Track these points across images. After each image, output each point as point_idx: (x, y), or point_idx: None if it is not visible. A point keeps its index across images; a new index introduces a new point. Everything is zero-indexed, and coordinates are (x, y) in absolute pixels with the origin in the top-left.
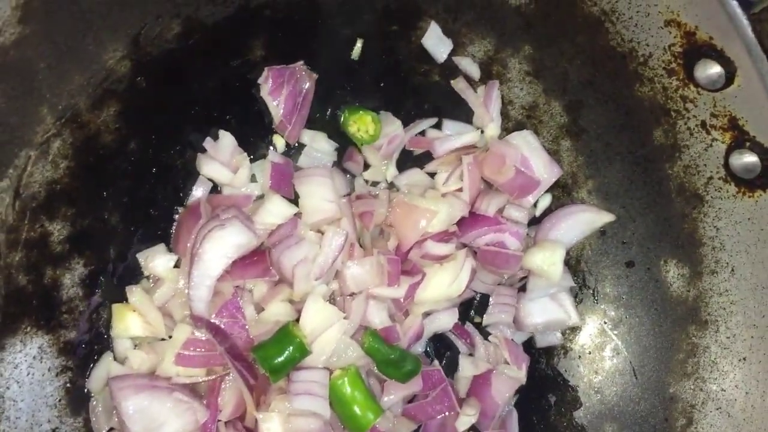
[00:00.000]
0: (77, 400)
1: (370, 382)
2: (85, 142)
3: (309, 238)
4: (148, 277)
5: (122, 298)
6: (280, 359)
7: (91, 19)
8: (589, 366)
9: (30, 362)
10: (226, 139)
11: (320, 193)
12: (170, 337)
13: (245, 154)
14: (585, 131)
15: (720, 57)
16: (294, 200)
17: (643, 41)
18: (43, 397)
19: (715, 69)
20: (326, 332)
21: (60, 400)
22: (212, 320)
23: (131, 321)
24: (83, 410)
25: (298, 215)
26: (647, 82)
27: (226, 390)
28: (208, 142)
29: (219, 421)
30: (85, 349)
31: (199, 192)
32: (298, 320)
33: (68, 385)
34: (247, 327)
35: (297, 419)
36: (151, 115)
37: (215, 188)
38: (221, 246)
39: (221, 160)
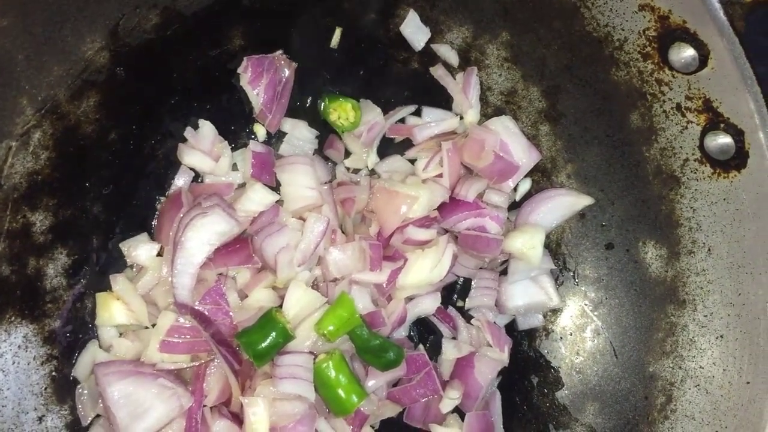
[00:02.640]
0: (63, 388)
1: (354, 366)
2: (65, 132)
3: (291, 225)
4: (131, 266)
5: (106, 287)
6: (264, 344)
7: (69, 10)
8: (570, 347)
9: (15, 351)
10: (206, 128)
11: (301, 181)
12: (154, 324)
13: (226, 142)
14: (563, 116)
15: (693, 40)
16: (275, 188)
17: (618, 26)
18: (29, 386)
19: (688, 52)
20: (309, 317)
21: (46, 389)
22: (196, 307)
23: (115, 309)
24: (69, 398)
25: (279, 203)
26: (623, 66)
27: (211, 376)
28: (188, 132)
29: (204, 406)
30: (70, 337)
31: (180, 181)
32: (281, 306)
33: (54, 373)
34: (230, 313)
35: (282, 403)
36: (131, 105)
37: (197, 177)
38: (204, 234)
39: (202, 149)
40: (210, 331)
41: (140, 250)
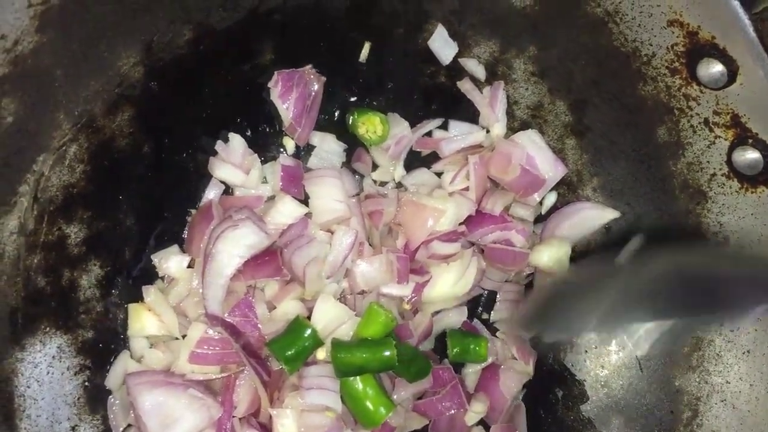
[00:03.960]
0: (95, 398)
1: (381, 378)
2: (100, 146)
3: (319, 237)
4: (162, 278)
5: (138, 299)
6: (294, 349)
7: (105, 26)
8: (595, 360)
9: (49, 362)
10: (237, 141)
11: (330, 194)
12: (185, 336)
13: (256, 155)
14: (590, 130)
15: (722, 56)
16: (304, 201)
17: (647, 41)
18: (62, 396)
19: (717, 68)
20: (337, 330)
21: (79, 399)
22: (226, 319)
23: (147, 320)
24: (101, 408)
25: (308, 215)
26: (651, 81)
27: (240, 387)
28: (219, 145)
29: (234, 417)
30: (103, 348)
31: (211, 194)
32: (309, 318)
33: (86, 383)
34: (259, 325)
35: (310, 414)
36: (164, 119)
37: (227, 190)
38: (234, 246)
39: (233, 162)
40: (240, 342)
41: (171, 261)
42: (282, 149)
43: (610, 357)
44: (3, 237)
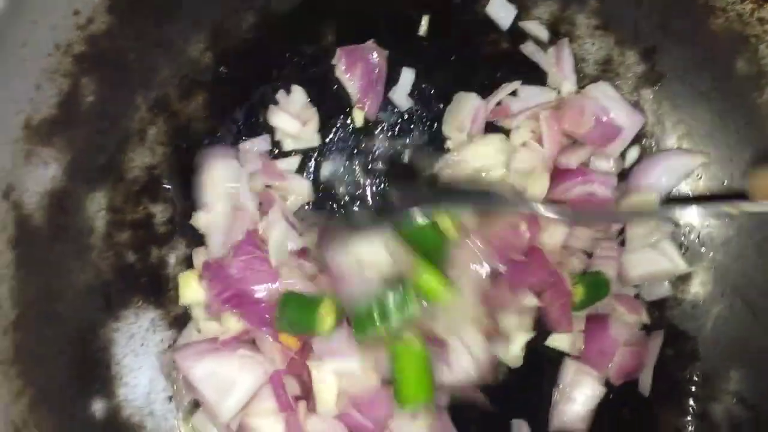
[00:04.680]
0: None
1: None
2: (177, 129)
3: None
4: None
5: None
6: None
7: (172, 12)
8: (704, 314)
9: (143, 334)
10: (298, 93)
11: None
12: None
13: (315, 109)
14: (664, 76)
15: None
16: None
17: None
18: (158, 367)
19: None
20: None
21: (173, 371)
22: None
23: (197, 286)
24: None
25: None
26: (720, 13)
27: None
28: (280, 95)
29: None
30: None
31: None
32: None
33: None
34: None
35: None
36: (235, 103)
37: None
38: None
39: (291, 112)
40: None
41: None
42: (351, 123)
43: (720, 309)
44: (92, 212)
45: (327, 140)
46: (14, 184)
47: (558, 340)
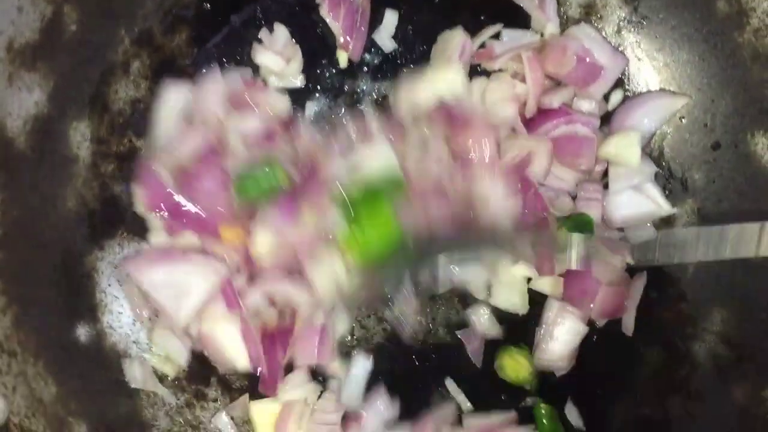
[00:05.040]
0: None
1: None
2: (162, 64)
3: None
4: None
5: None
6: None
7: None
8: (686, 265)
9: None
10: (281, 31)
11: None
12: None
13: (298, 47)
14: (647, 18)
15: None
16: None
17: None
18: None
19: None
20: None
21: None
22: None
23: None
24: None
25: None
26: None
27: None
28: (263, 33)
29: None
30: None
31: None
32: None
33: None
34: None
35: None
36: (219, 39)
37: None
38: None
39: (274, 50)
40: None
41: None
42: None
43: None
44: (77, 141)
45: (311, 81)
46: None
47: (541, 284)
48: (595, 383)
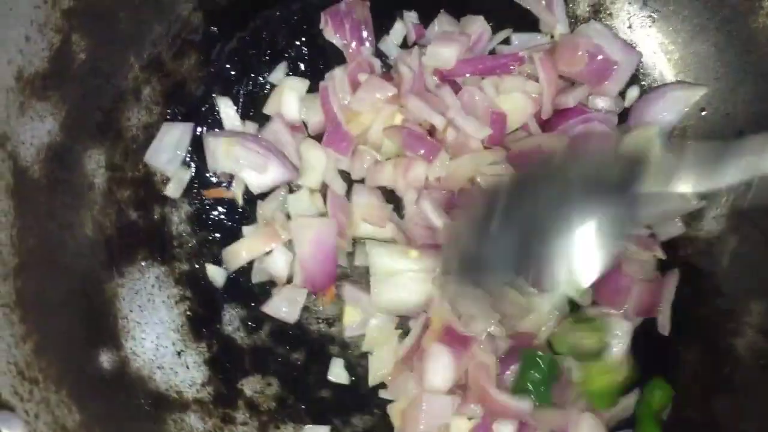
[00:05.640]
0: (198, 327)
1: None
2: (173, 89)
3: None
4: None
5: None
6: None
7: None
8: (720, 250)
9: (149, 290)
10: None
11: None
12: None
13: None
14: (657, 11)
15: None
16: None
17: None
18: (165, 322)
19: None
20: None
21: (182, 326)
22: None
23: None
24: (205, 337)
25: None
26: None
27: None
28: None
29: None
30: (202, 281)
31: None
32: None
33: (188, 312)
34: None
35: None
36: (229, 63)
37: None
38: None
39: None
40: None
41: None
42: None
43: (736, 243)
44: (91, 168)
45: None
46: (9, 133)
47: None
48: (633, 387)
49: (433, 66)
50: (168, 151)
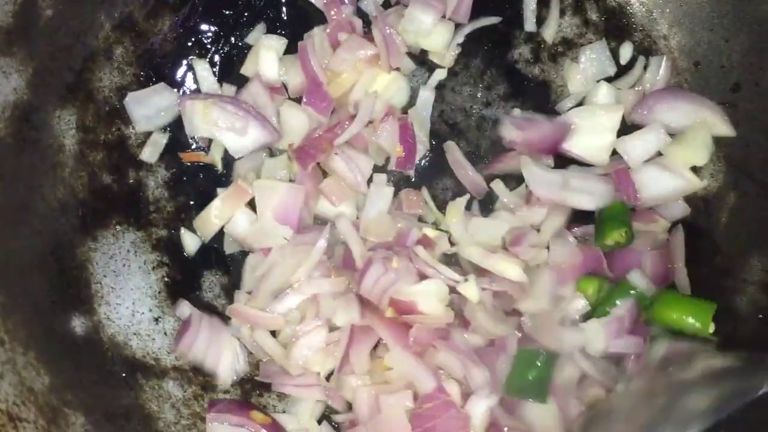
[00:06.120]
0: (177, 294)
1: None
2: (146, 50)
3: None
4: None
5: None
6: None
7: None
8: (717, 207)
9: (125, 255)
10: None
11: None
12: None
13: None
14: None
15: None
16: None
17: None
18: (141, 288)
19: None
20: None
21: (160, 292)
22: None
23: None
24: None
25: None
26: None
27: None
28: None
29: None
30: (178, 246)
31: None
32: None
33: (166, 279)
34: None
35: None
36: (204, 26)
37: None
38: None
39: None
40: None
41: None
42: None
43: (732, 200)
44: (61, 129)
45: None
46: None
47: None
48: None
49: (409, 30)
50: (151, 109)
